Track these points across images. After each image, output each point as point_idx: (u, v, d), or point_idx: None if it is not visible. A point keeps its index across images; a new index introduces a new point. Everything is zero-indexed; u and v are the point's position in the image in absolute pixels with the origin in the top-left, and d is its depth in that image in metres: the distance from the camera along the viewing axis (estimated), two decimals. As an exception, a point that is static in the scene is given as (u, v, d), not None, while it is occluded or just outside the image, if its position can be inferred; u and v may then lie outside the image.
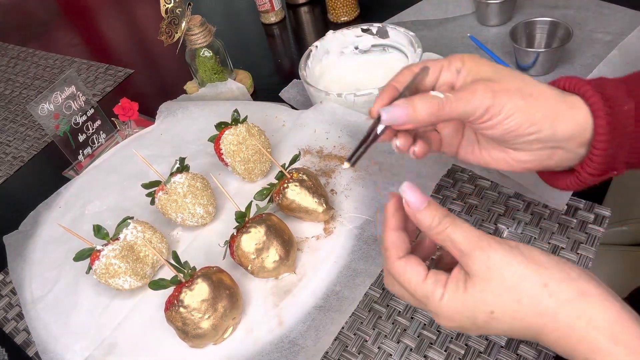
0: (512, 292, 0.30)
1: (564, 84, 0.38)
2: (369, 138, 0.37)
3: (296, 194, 0.54)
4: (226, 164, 0.62)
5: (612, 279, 0.71)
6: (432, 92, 0.35)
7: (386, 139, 0.38)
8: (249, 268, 0.51)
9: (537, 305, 0.30)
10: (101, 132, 0.77)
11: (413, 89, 0.38)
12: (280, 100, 0.78)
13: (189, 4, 0.73)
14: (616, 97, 0.36)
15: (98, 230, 0.53)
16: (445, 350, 0.45)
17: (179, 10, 0.73)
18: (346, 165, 0.38)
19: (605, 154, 0.36)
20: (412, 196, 0.34)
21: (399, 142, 0.39)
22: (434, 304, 0.32)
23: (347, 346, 0.48)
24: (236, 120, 0.61)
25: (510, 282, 0.30)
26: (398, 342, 0.47)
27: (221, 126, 0.61)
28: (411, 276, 0.33)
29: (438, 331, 0.46)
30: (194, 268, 0.48)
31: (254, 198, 0.55)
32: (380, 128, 0.36)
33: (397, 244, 0.35)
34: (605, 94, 0.36)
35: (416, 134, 0.40)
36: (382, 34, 0.74)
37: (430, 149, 0.41)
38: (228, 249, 0.52)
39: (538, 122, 0.35)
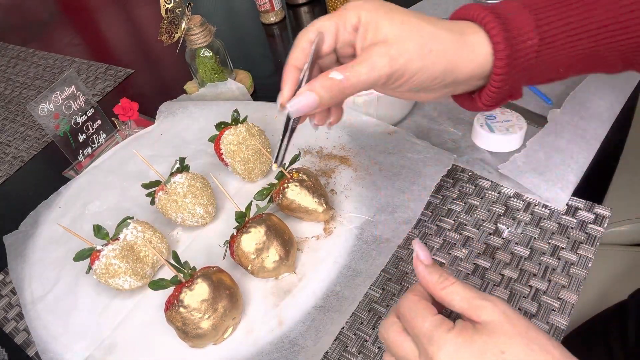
0: (524, 337, 0.31)
1: (472, 15, 0.38)
2: (288, 131, 0.38)
3: (296, 194, 0.54)
4: (226, 164, 0.62)
5: (612, 279, 0.71)
6: (330, 74, 0.35)
7: (302, 122, 0.39)
8: (249, 268, 0.51)
9: (545, 351, 0.31)
10: (101, 132, 0.77)
11: (315, 58, 0.38)
12: (280, 100, 0.78)
13: (189, 4, 0.73)
14: (521, 33, 0.36)
15: (98, 230, 0.53)
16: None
17: (179, 10, 0.73)
18: (274, 167, 0.40)
19: (501, 90, 0.37)
20: (421, 251, 0.36)
21: (315, 120, 0.40)
22: (441, 335, 0.32)
23: (347, 346, 0.48)
24: (236, 120, 0.61)
25: (521, 328, 0.31)
26: (398, 342, 0.47)
27: (221, 126, 0.61)
28: (424, 310, 0.33)
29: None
30: (194, 268, 0.48)
31: (254, 198, 0.55)
32: (293, 119, 0.37)
33: (421, 290, 0.36)
34: (510, 29, 0.36)
35: None
36: (382, 34, 0.74)
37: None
38: (228, 249, 0.52)
39: (440, 75, 0.37)
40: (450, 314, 0.35)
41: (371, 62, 0.35)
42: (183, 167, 0.59)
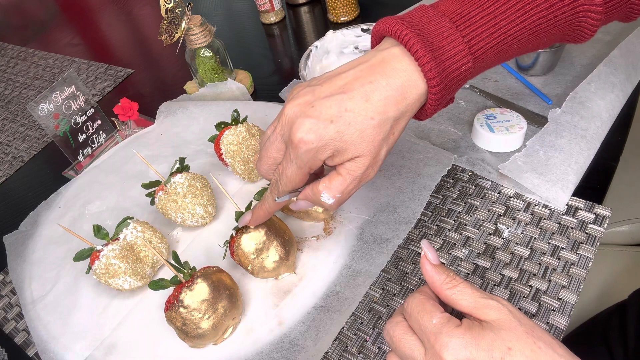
0: (531, 335, 0.32)
1: (398, 38, 0.37)
2: None
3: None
4: (226, 164, 0.62)
5: (612, 279, 0.71)
6: (322, 197, 0.41)
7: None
8: (249, 268, 0.51)
9: (551, 349, 0.31)
10: (101, 132, 0.77)
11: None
12: (280, 100, 0.78)
13: (189, 4, 0.73)
14: (454, 61, 0.36)
15: (98, 230, 0.53)
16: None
17: (179, 10, 0.73)
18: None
19: (436, 110, 0.40)
20: (429, 251, 0.37)
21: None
22: (449, 332, 0.32)
23: (347, 346, 0.48)
24: (236, 120, 0.61)
25: (528, 327, 0.32)
26: (398, 342, 0.47)
27: (221, 126, 0.61)
28: (432, 307, 0.34)
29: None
30: (194, 268, 0.48)
31: (254, 198, 0.55)
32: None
33: (427, 291, 0.36)
34: (443, 60, 0.36)
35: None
36: (382, 34, 0.74)
37: None
38: (228, 249, 0.52)
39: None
40: (455, 315, 0.35)
41: (348, 170, 0.39)
42: (183, 167, 0.59)
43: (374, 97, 0.37)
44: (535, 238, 0.51)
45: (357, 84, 0.37)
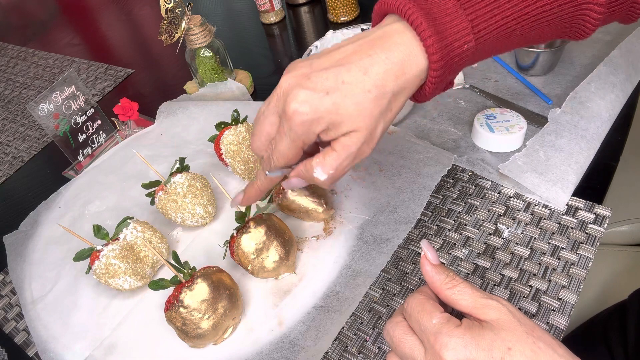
0: (530, 335, 0.32)
1: (402, 15, 0.36)
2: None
3: (296, 194, 0.54)
4: (226, 164, 0.62)
5: (612, 279, 0.71)
6: (314, 172, 0.39)
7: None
8: (249, 268, 0.51)
9: (551, 349, 0.31)
10: (101, 132, 0.77)
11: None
12: (280, 100, 0.78)
13: (189, 4, 0.73)
14: (457, 38, 0.35)
15: (98, 230, 0.53)
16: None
17: (179, 10, 0.73)
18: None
19: (435, 92, 0.39)
20: (429, 251, 0.37)
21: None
22: (449, 332, 0.32)
23: (347, 346, 0.48)
24: (236, 120, 0.61)
25: (528, 327, 0.32)
26: (398, 342, 0.46)
27: (221, 126, 0.61)
28: (432, 307, 0.34)
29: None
30: (194, 268, 0.48)
31: (254, 198, 0.55)
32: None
33: (427, 291, 0.36)
34: (446, 36, 0.35)
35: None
36: (382, 34, 0.74)
37: None
38: (228, 249, 0.52)
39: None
40: (455, 315, 0.35)
41: (342, 144, 0.38)
42: (183, 167, 0.59)
43: (372, 70, 0.36)
44: (535, 238, 0.51)
45: (356, 57, 0.36)
